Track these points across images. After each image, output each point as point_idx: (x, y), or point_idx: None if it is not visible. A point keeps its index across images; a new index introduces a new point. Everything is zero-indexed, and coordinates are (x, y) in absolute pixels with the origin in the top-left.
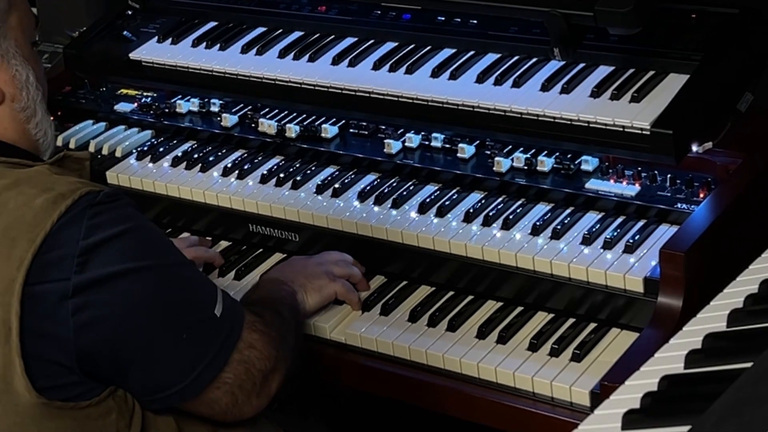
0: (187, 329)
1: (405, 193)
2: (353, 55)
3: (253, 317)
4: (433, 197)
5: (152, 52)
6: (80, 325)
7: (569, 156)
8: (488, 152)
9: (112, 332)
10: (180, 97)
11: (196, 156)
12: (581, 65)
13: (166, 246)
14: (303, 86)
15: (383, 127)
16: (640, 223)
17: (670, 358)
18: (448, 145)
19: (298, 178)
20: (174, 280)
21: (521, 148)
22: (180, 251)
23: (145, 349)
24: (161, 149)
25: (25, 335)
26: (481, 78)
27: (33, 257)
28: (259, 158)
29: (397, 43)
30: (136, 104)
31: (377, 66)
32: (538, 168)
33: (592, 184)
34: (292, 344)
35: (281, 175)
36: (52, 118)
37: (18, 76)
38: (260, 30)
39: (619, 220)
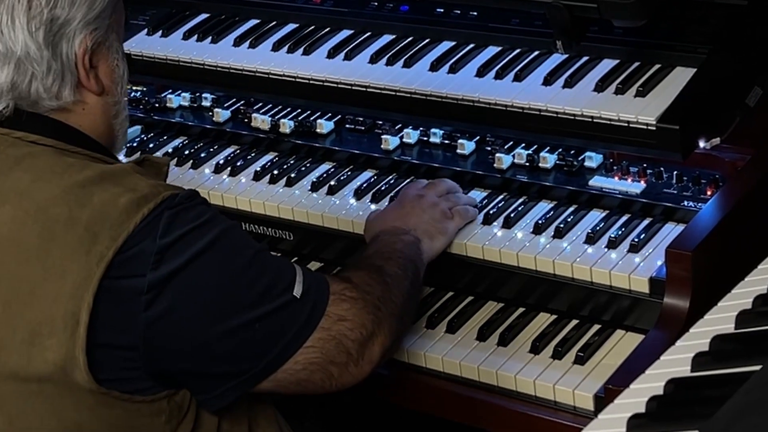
0: (260, 319)
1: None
2: (349, 48)
3: (341, 285)
4: None
5: (142, 44)
6: (151, 319)
7: (572, 152)
8: (489, 148)
9: (180, 326)
10: (170, 91)
11: (187, 152)
12: (585, 58)
13: (238, 238)
14: (297, 80)
15: (380, 122)
16: (646, 222)
17: (676, 361)
18: (447, 141)
19: (293, 175)
20: (245, 271)
21: (523, 144)
22: (254, 242)
23: (213, 342)
24: (151, 145)
25: (94, 329)
26: (481, 72)
27: (114, 255)
28: (252, 154)
29: (394, 36)
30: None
31: (374, 59)
32: (540, 164)
33: (596, 182)
34: (400, 300)
35: (275, 171)
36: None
37: (117, 70)
38: (253, 22)
39: (624, 218)
